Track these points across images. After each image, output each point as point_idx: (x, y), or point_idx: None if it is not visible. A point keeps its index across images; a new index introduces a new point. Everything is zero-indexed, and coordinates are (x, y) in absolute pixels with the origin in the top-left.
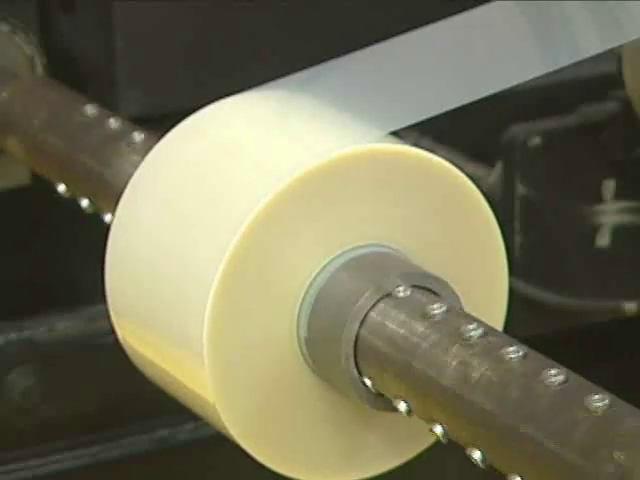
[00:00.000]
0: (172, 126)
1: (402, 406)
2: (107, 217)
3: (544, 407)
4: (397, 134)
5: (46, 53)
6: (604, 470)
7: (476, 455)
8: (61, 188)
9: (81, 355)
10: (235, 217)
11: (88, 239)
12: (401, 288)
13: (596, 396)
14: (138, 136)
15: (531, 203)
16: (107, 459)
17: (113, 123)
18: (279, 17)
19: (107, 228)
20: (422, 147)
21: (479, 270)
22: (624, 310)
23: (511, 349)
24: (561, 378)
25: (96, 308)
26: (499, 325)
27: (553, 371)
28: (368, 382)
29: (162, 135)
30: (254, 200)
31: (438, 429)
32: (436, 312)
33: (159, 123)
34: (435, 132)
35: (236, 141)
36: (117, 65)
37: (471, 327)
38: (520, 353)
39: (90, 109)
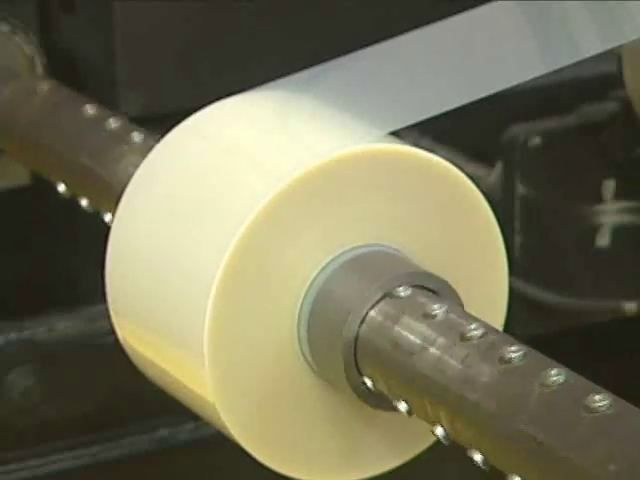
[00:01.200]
0: (172, 126)
1: (402, 406)
2: (107, 217)
3: (545, 407)
4: (397, 134)
5: (46, 53)
6: (605, 470)
7: (477, 457)
8: (61, 188)
9: (81, 355)
10: (235, 217)
11: (88, 239)
12: (401, 288)
13: (597, 396)
14: (138, 136)
15: (531, 203)
16: (107, 459)
17: (113, 123)
18: (279, 17)
19: (107, 228)
20: (422, 147)
21: (479, 270)
22: (624, 310)
23: (512, 349)
24: (562, 378)
25: (96, 308)
26: (499, 325)
27: (554, 371)
28: (368, 382)
29: (162, 135)
30: (254, 200)
31: (439, 430)
32: (436, 312)
33: (159, 123)
34: (435, 132)
35: (236, 141)
36: (117, 65)
37: (472, 327)
38: (521, 353)
39: (90, 109)
